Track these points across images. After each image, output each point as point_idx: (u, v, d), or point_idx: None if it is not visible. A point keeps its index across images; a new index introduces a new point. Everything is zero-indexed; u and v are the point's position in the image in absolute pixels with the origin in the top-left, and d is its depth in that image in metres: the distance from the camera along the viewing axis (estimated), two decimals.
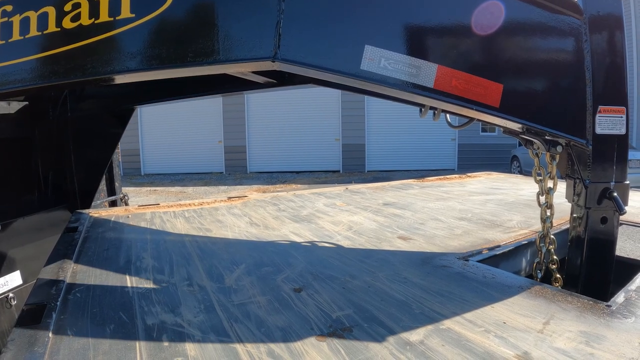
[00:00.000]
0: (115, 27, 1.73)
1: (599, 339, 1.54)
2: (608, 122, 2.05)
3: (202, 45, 1.69)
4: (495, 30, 1.89)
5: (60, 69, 1.84)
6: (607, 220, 2.13)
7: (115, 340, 1.60)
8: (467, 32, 1.86)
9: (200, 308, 1.86)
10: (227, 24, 1.67)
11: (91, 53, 1.78)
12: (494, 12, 1.87)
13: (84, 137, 3.64)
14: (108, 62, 1.78)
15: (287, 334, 1.62)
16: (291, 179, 19.85)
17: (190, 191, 17.21)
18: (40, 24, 1.82)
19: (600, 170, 2.08)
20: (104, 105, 3.64)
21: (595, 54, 2.01)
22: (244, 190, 17.00)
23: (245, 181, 19.59)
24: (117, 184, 4.87)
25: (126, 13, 1.71)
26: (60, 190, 3.54)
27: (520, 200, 4.29)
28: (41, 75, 1.87)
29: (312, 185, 17.42)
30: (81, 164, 3.62)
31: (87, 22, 1.75)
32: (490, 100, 1.90)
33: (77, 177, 3.59)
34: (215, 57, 1.67)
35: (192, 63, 1.70)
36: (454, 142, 23.01)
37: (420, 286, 2.07)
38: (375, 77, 1.75)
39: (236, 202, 4.35)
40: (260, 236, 3.01)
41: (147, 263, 2.45)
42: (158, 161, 22.22)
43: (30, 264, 3.04)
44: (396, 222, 3.41)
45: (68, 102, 3.47)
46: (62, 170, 3.55)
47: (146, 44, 1.75)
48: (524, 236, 2.87)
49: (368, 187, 5.39)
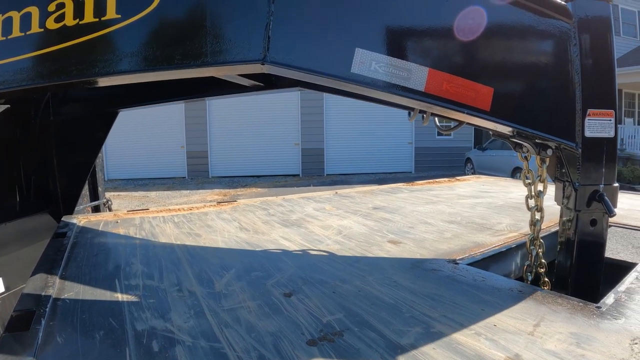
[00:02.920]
0: (100, 28, 1.70)
1: (590, 340, 1.54)
2: (597, 125, 2.06)
3: (190, 47, 1.66)
4: (485, 33, 1.89)
5: (44, 70, 1.81)
6: (597, 222, 2.15)
7: (104, 347, 1.59)
8: (457, 35, 1.86)
9: (190, 313, 1.85)
10: (215, 25, 1.64)
11: (76, 55, 1.74)
12: (484, 16, 1.87)
13: (67, 141, 3.58)
14: (93, 64, 1.74)
15: (278, 339, 1.61)
16: (252, 183, 20.16)
17: (154, 195, 17.34)
18: (23, 24, 1.79)
19: (589, 173, 2.10)
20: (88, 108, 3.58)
21: (584, 58, 2.03)
22: (205, 194, 17.32)
23: (207, 185, 19.88)
24: (101, 188, 4.81)
25: (112, 14, 1.67)
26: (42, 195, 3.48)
27: (509, 203, 4.31)
28: (24, 78, 1.83)
29: (271, 189, 17.82)
30: (64, 168, 3.56)
31: (71, 22, 1.71)
32: (481, 103, 1.90)
33: (60, 182, 3.53)
34: (203, 59, 1.64)
35: (179, 65, 1.67)
36: (410, 146, 23.73)
37: (411, 290, 2.07)
38: (366, 80, 1.73)
39: (225, 207, 4.33)
40: (250, 241, 3.00)
41: (137, 268, 2.43)
42: (122, 166, 22.31)
43: (13, 270, 2.98)
44: (386, 226, 3.41)
45: (51, 105, 3.42)
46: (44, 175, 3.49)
47: (132, 45, 1.71)
48: (513, 239, 2.87)
49: (357, 191, 5.39)
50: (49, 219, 3.46)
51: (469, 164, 20.28)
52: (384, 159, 23.41)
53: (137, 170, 22.46)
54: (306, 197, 4.94)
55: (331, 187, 17.46)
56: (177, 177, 22.56)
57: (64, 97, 3.49)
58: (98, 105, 3.54)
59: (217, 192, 17.86)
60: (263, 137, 22.57)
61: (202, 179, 22.06)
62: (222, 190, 18.37)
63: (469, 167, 20.29)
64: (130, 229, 3.40)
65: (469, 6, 1.85)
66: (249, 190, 18.29)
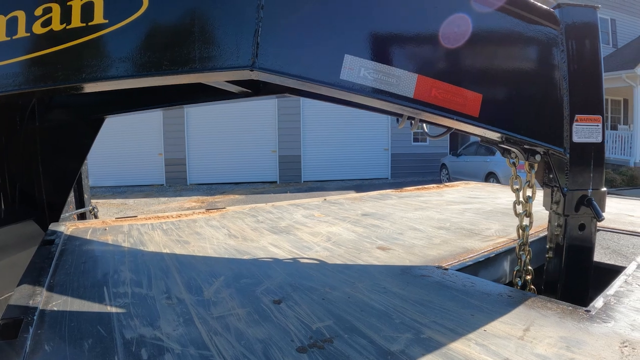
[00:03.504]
0: (88, 33, 1.67)
1: (580, 343, 1.54)
2: (585, 131, 2.07)
3: (178, 53, 1.64)
4: (473, 40, 1.90)
5: (29, 76, 1.78)
6: (585, 227, 2.16)
7: (93, 355, 1.57)
8: (447, 42, 1.86)
9: (179, 321, 1.83)
10: (204, 31, 1.63)
11: (63, 60, 1.72)
12: (472, 23, 1.88)
13: (53, 147, 3.53)
14: (80, 70, 1.72)
15: (267, 346, 1.60)
16: (230, 190, 20.29)
17: (132, 203, 17.36)
18: (9, 28, 1.76)
19: (577, 178, 2.11)
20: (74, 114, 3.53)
21: (571, 64, 2.04)
22: (183, 201, 17.44)
23: (185, 193, 19.99)
24: (86, 196, 4.76)
25: (99, 19, 1.66)
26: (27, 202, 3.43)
27: (497, 208, 4.33)
28: (10, 83, 1.80)
29: (249, 196, 18.01)
30: (50, 175, 3.51)
31: (58, 27, 1.69)
32: (470, 110, 1.91)
33: (46, 189, 3.48)
34: (191, 65, 1.63)
35: (167, 71, 1.65)
36: (386, 152, 24.03)
37: (400, 296, 2.07)
38: (355, 87, 1.73)
39: (214, 213, 4.31)
40: (239, 248, 2.99)
41: (125, 276, 2.41)
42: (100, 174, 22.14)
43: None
44: (375, 232, 3.41)
45: (36, 111, 3.37)
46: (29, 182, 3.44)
47: (120, 51, 1.69)
48: (502, 244, 2.88)
49: (346, 197, 5.39)
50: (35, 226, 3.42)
51: (444, 170, 20.61)
52: (361, 165, 23.68)
53: (115, 177, 22.17)
54: (295, 203, 4.94)
55: (308, 194, 17.80)
56: (155, 184, 22.51)
57: (49, 103, 3.45)
58: (84, 112, 3.49)
59: (195, 199, 17.94)
60: (241, 145, 22.68)
61: (180, 186, 22.09)
62: (200, 197, 18.47)
63: (444, 172, 20.63)
64: (118, 236, 3.38)
65: (456, 13, 1.86)
66: (227, 197, 18.41)
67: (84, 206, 4.66)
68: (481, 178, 16.56)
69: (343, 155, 23.38)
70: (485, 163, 16.97)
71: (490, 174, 16.49)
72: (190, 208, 15.46)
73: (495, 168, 16.24)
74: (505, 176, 15.12)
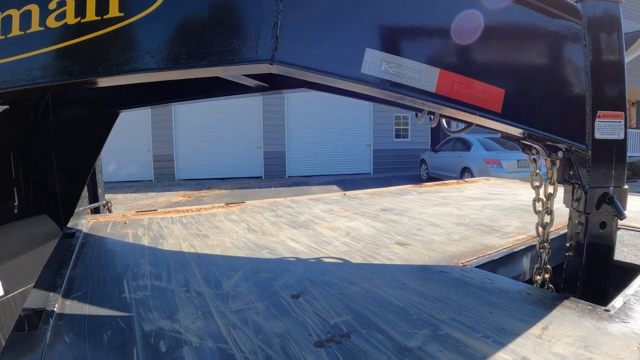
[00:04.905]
0: (102, 26, 1.64)
1: (598, 343, 1.53)
2: (607, 127, 2.04)
3: (196, 46, 1.61)
4: (496, 34, 1.88)
5: (43, 70, 1.75)
6: (606, 225, 2.13)
7: (112, 347, 1.59)
8: (469, 36, 1.84)
9: (198, 314, 1.85)
10: (222, 24, 1.60)
11: (77, 54, 1.70)
12: (495, 17, 1.86)
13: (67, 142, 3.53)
14: (95, 64, 1.70)
15: (285, 340, 1.61)
16: (216, 185, 20.58)
17: (121, 198, 17.51)
18: (22, 23, 1.74)
19: (599, 175, 2.08)
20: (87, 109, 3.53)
21: (594, 59, 2.01)
22: (171, 196, 17.63)
23: (173, 188, 20.25)
24: (100, 190, 4.80)
25: (114, 12, 1.63)
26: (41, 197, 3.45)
27: (517, 205, 4.29)
28: (23, 78, 1.78)
29: (234, 191, 18.18)
30: (64, 170, 3.53)
31: (72, 21, 1.66)
32: (492, 105, 1.88)
33: (59, 184, 3.49)
34: (209, 59, 1.60)
35: (184, 65, 1.62)
36: (369, 148, 24.26)
37: (418, 292, 2.06)
38: (376, 81, 1.70)
39: (234, 208, 4.34)
40: (258, 242, 3.00)
41: (145, 269, 2.44)
42: None
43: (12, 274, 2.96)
44: (394, 227, 3.40)
45: (50, 105, 3.38)
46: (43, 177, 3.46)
47: (136, 44, 1.66)
48: (521, 241, 2.86)
49: (366, 192, 5.39)
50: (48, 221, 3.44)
51: (424, 165, 20.96)
52: (344, 161, 23.97)
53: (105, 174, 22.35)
54: (314, 198, 4.95)
55: (291, 189, 18.17)
56: (144, 180, 22.73)
57: (63, 98, 3.46)
58: (99, 106, 3.49)
59: (182, 194, 18.16)
60: (227, 141, 22.99)
61: (169, 181, 22.34)
62: (187, 192, 18.72)
63: (423, 168, 20.97)
64: (138, 229, 3.42)
65: (478, 7, 1.83)
66: (213, 191, 18.66)
67: (98, 200, 4.70)
68: (457, 172, 16.99)
69: (326, 151, 23.77)
70: (461, 158, 17.38)
71: (465, 168, 16.91)
72: (178, 202, 15.81)
73: (470, 163, 16.67)
74: (479, 170, 15.64)
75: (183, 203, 15.68)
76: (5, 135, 3.09)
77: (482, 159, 16.04)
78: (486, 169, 15.37)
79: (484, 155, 16.22)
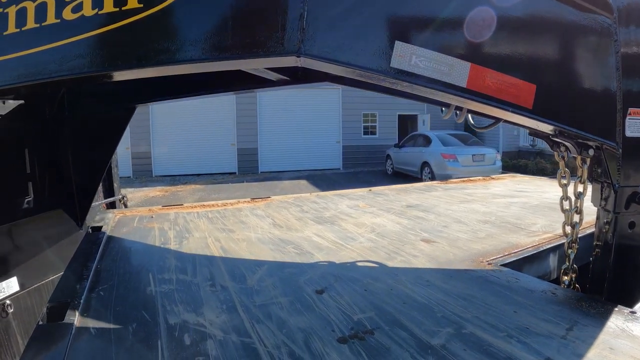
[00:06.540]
0: (121, 18, 1.59)
1: (623, 346, 1.51)
2: (638, 125, 2.00)
3: (218, 39, 1.56)
4: (528, 28, 1.84)
5: (59, 63, 1.72)
6: (635, 225, 2.09)
7: (137, 339, 1.62)
8: (500, 30, 1.80)
9: (223, 308, 1.87)
10: (245, 16, 1.55)
11: (95, 46, 1.66)
12: (526, 10, 1.83)
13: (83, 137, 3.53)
14: (113, 57, 1.67)
15: (309, 336, 1.62)
16: (192, 181, 21.14)
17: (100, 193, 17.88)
18: (38, 15, 1.70)
19: (629, 174, 2.04)
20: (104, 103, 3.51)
21: (625, 54, 1.97)
22: (148, 191, 18.11)
23: (150, 184, 20.87)
24: (116, 185, 4.84)
25: (133, 3, 1.57)
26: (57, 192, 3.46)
27: (544, 203, 4.24)
28: (39, 71, 1.76)
29: (209, 186, 18.84)
30: (80, 164, 3.54)
31: (89, 12, 1.63)
32: (524, 101, 1.84)
33: (75, 179, 3.50)
34: (234, 51, 1.55)
35: (206, 58, 1.58)
36: (338, 144, 24.90)
37: (443, 289, 2.06)
38: (405, 75, 1.65)
39: (259, 203, 4.36)
40: (283, 237, 3.02)
41: (170, 263, 2.47)
42: None
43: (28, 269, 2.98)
44: (419, 224, 3.39)
45: (65, 100, 3.39)
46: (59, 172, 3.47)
47: (156, 37, 1.61)
48: (547, 240, 2.83)
49: (391, 189, 5.37)
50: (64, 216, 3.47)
51: (389, 160, 21.82)
52: (314, 157, 24.62)
53: None
54: (340, 194, 4.95)
55: (263, 183, 18.83)
56: (123, 176, 23.21)
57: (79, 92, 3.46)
58: (115, 101, 3.47)
59: (159, 189, 18.75)
60: (202, 139, 23.58)
61: (146, 177, 22.82)
62: (164, 187, 19.36)
63: (389, 163, 21.86)
64: (164, 223, 3.46)
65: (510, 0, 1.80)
66: (189, 187, 19.29)
67: (114, 195, 4.74)
68: (418, 167, 18.23)
69: (297, 147, 24.40)
70: (421, 153, 18.12)
71: (424, 163, 17.75)
72: (154, 197, 16.29)
73: (429, 158, 17.45)
74: (437, 164, 16.70)
75: (160, 197, 16.17)
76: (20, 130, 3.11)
77: (440, 154, 16.81)
78: (443, 164, 16.39)
79: (442, 150, 16.95)
